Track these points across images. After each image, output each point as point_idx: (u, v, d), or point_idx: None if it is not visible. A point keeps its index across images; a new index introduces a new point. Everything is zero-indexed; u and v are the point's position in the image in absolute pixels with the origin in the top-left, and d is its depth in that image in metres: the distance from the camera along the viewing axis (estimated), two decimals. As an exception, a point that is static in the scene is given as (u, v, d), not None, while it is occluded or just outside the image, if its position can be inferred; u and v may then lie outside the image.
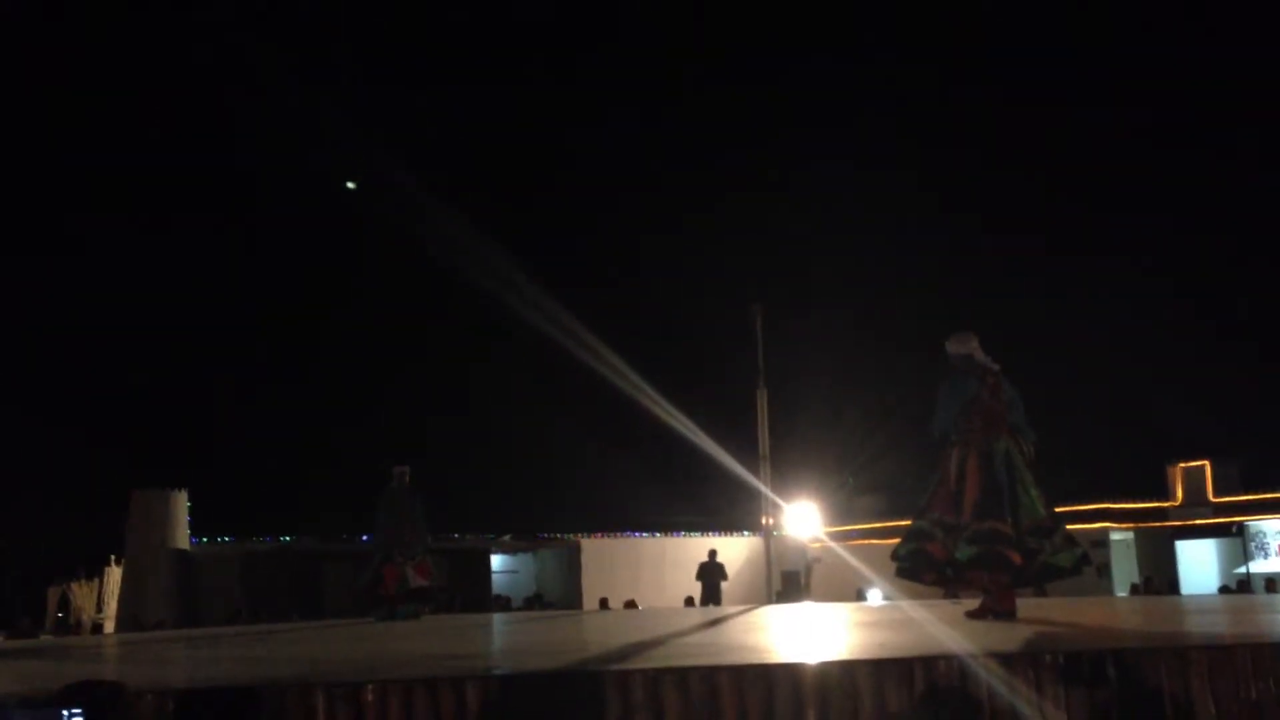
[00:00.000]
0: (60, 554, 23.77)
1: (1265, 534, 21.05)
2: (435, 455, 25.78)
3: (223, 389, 31.44)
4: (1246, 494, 21.14)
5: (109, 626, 20.25)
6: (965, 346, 7.26)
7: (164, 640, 9.24)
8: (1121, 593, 18.78)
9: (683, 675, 3.90)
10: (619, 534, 24.06)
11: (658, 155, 32.76)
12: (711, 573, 18.68)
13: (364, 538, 18.18)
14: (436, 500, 12.15)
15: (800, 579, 22.21)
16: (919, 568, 7.16)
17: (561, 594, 22.85)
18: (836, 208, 27.90)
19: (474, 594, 20.48)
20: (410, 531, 11.65)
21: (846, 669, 4.01)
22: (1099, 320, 26.03)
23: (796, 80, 31.73)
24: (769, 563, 16.26)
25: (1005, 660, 4.05)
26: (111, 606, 21.03)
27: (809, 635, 6.39)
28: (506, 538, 23.79)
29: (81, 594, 22.20)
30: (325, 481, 25.28)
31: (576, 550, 23.42)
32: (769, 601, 15.14)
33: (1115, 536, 22.05)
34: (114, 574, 21.31)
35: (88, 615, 21.70)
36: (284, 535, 21.91)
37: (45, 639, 15.00)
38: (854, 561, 18.82)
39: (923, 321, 27.58)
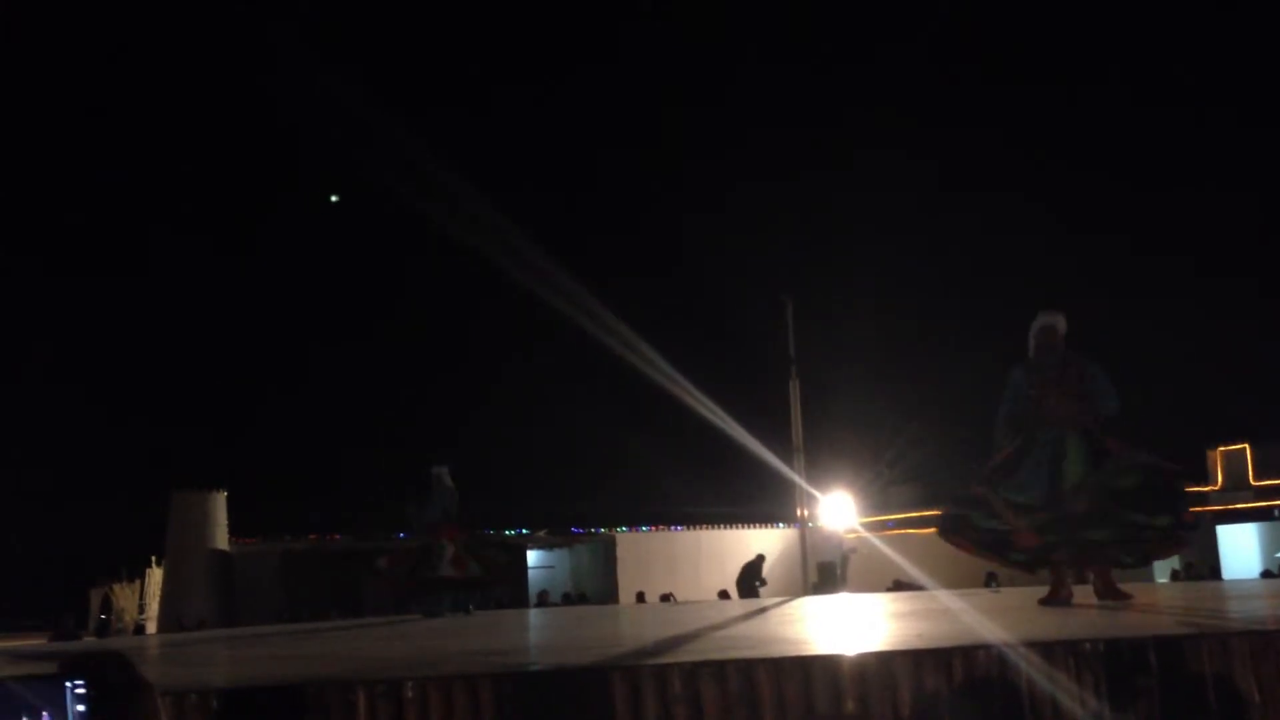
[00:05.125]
0: (102, 556, 24.09)
1: (1308, 517, 20.83)
2: (471, 451, 25.92)
3: (261, 390, 31.72)
4: (1288, 477, 20.89)
5: (151, 627, 20.47)
6: (1049, 320, 7.26)
7: (206, 640, 9.33)
8: (1162, 579, 18.61)
9: (720, 668, 3.91)
10: (654, 528, 24.08)
11: (691, 148, 32.76)
12: (749, 572, 18.71)
13: (400, 535, 18.28)
14: (473, 496, 12.20)
15: (836, 570, 22.12)
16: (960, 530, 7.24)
17: (598, 589, 22.89)
18: (868, 196, 27.79)
19: (510, 590, 20.55)
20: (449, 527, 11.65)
21: (884, 660, 4.00)
22: (1136, 303, 25.80)
23: (828, 72, 31.63)
24: (804, 554, 16.23)
25: (1045, 649, 4.03)
26: (153, 607, 21.25)
27: (846, 626, 6.38)
28: (543, 533, 23.85)
29: (123, 595, 22.44)
30: (363, 480, 25.45)
31: (612, 545, 23.44)
32: (805, 593, 15.11)
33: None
34: (155, 575, 21.54)
35: (130, 616, 21.94)
36: (322, 534, 22.07)
37: (88, 640, 15.18)
38: (890, 552, 18.74)
39: (957, 308, 27.47)
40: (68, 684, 2.80)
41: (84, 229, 33.63)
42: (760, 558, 19.22)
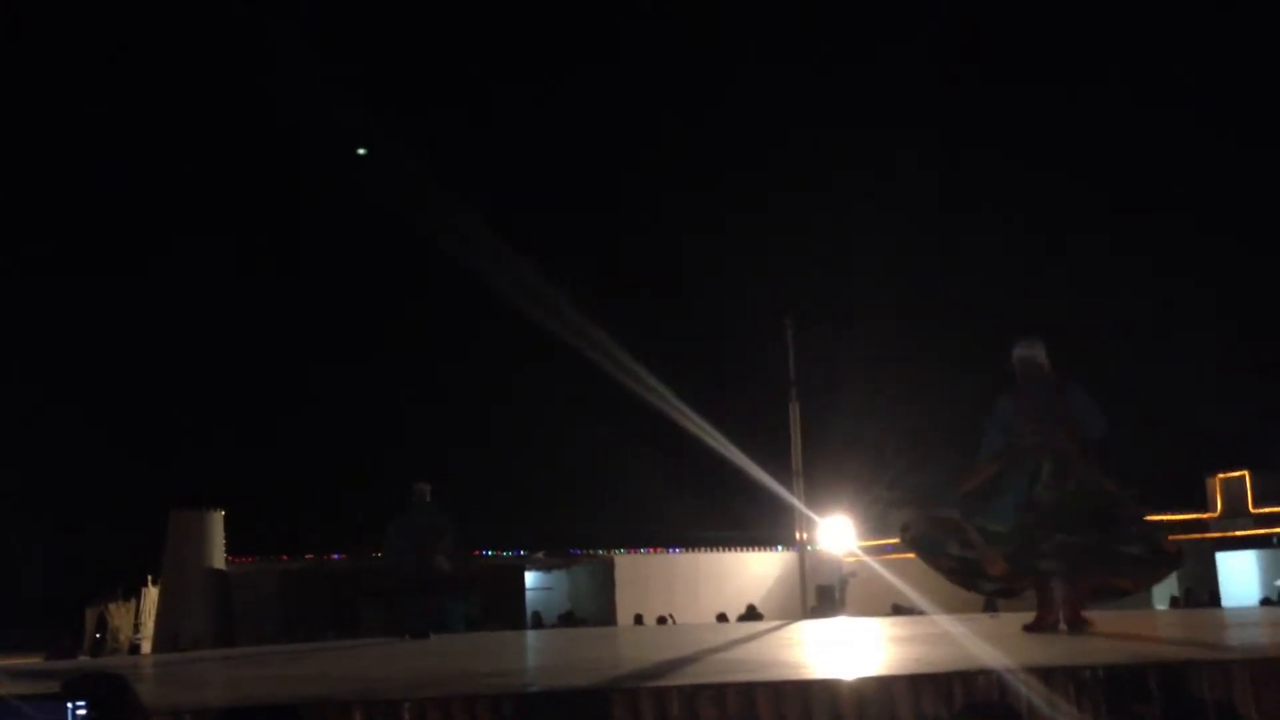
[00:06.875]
0: (98, 574, 23.98)
1: (1307, 545, 20.78)
2: (469, 472, 25.87)
3: (259, 409, 31.70)
4: (1287, 505, 20.85)
5: (146, 647, 20.38)
6: (1028, 352, 7.21)
7: (202, 660, 9.30)
8: (1161, 605, 18.57)
9: (720, 692, 3.90)
10: (653, 550, 24.03)
11: (689, 168, 32.73)
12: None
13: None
14: (471, 518, 12.14)
15: (835, 593, 22.09)
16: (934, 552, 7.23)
17: (595, 610, 22.82)
18: (870, 216, 27.78)
19: (508, 611, 20.50)
20: (431, 552, 11.52)
21: (884, 685, 4.00)
22: (1136, 329, 25.82)
23: (831, 88, 31.64)
24: (803, 577, 16.23)
25: (1045, 675, 4.02)
26: (149, 627, 21.17)
27: (845, 650, 6.36)
28: (540, 555, 23.80)
29: (119, 614, 22.35)
30: (361, 500, 25.39)
31: (610, 566, 23.39)
32: (804, 616, 15.09)
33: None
34: (151, 594, 21.45)
35: (125, 635, 21.84)
36: (320, 554, 22.01)
37: (83, 660, 15.12)
38: (889, 576, 18.70)
39: (959, 331, 27.47)
40: (69, 705, 2.82)
41: (80, 240, 33.62)
42: (750, 608, 19.35)
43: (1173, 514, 21.56)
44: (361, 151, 25.18)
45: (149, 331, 31.53)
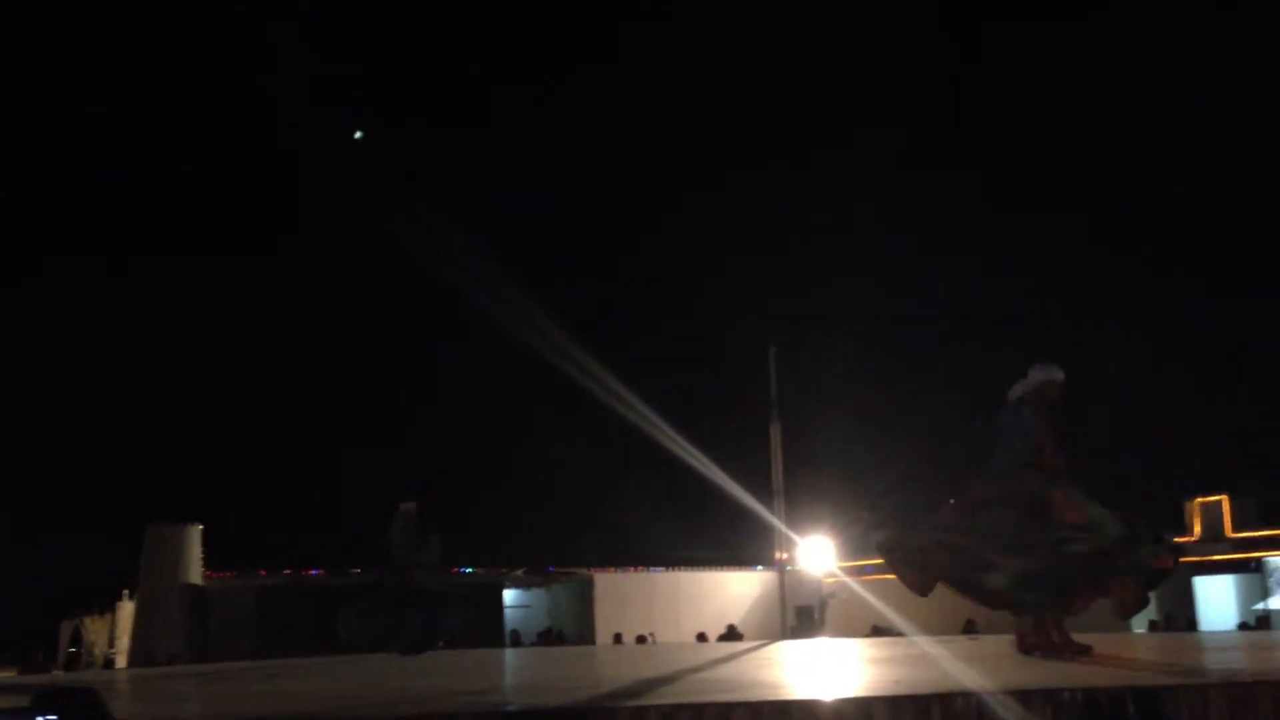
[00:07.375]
0: (73, 588, 23.78)
1: (1284, 570, 20.87)
2: (449, 489, 25.78)
3: (238, 424, 31.56)
4: (1265, 529, 20.94)
5: (121, 661, 20.22)
6: (1055, 375, 7.21)
7: (177, 676, 9.22)
8: (1139, 629, 18.61)
9: (698, 711, 3.89)
10: (633, 568, 23.99)
11: (672, 190, 32.78)
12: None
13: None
14: (450, 535, 12.12)
15: (815, 614, 22.07)
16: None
17: (575, 629, 22.76)
18: (851, 238, 27.86)
19: (487, 629, 20.42)
20: (416, 569, 11.50)
21: (862, 706, 3.99)
22: (1114, 353, 25.94)
23: (813, 111, 31.76)
24: (783, 597, 16.22)
25: (1023, 697, 4.02)
26: (124, 641, 21.00)
27: (824, 671, 6.35)
28: (520, 572, 23.72)
29: (94, 628, 22.17)
30: (339, 516, 25.30)
31: (590, 585, 23.34)
32: (783, 636, 15.08)
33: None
34: (126, 608, 21.29)
35: (100, 650, 21.67)
36: (298, 570, 21.88)
37: (57, 674, 14.99)
38: (869, 596, 18.71)
39: (939, 353, 27.57)
40: (39, 718, 2.79)
41: (60, 248, 33.45)
42: (730, 628, 19.39)
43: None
44: (358, 135, 24.90)
45: (128, 344, 31.39)
